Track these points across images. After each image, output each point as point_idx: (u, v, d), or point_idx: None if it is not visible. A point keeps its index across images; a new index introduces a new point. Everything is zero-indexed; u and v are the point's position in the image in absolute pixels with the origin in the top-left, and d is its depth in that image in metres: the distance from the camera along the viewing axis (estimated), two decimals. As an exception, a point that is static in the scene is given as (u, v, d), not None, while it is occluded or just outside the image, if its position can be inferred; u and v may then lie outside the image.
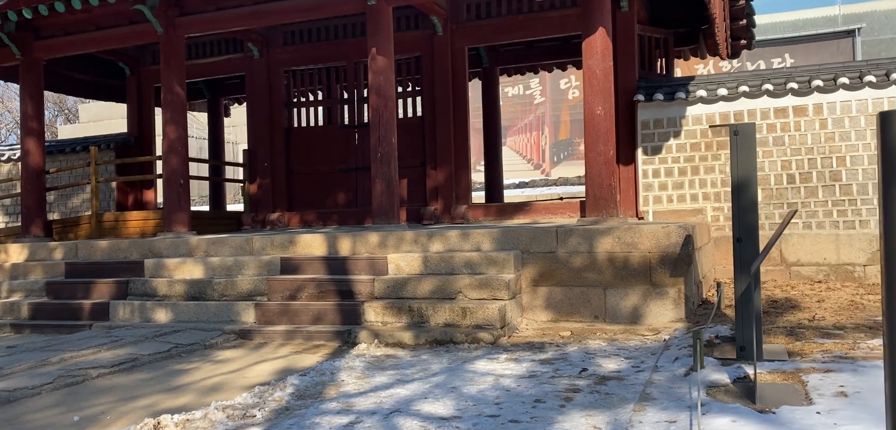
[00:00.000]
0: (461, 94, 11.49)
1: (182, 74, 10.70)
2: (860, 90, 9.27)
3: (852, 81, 9.26)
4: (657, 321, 7.24)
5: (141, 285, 8.79)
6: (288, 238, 8.78)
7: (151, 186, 13.90)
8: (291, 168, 12.69)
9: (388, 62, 9.45)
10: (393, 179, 9.42)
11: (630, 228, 7.44)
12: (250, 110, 12.91)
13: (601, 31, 8.43)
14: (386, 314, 7.40)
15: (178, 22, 10.54)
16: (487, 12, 11.32)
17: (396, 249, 8.24)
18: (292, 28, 12.53)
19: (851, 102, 9.31)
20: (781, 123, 9.56)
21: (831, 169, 9.37)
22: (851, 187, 9.28)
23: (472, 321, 7.05)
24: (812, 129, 9.44)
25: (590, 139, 8.42)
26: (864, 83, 9.22)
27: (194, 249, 9.24)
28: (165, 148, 10.54)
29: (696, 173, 9.85)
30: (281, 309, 7.85)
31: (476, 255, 7.70)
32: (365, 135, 12.26)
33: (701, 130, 9.88)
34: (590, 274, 7.49)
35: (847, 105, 9.33)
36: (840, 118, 9.35)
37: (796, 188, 9.44)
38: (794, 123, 9.49)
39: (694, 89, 9.86)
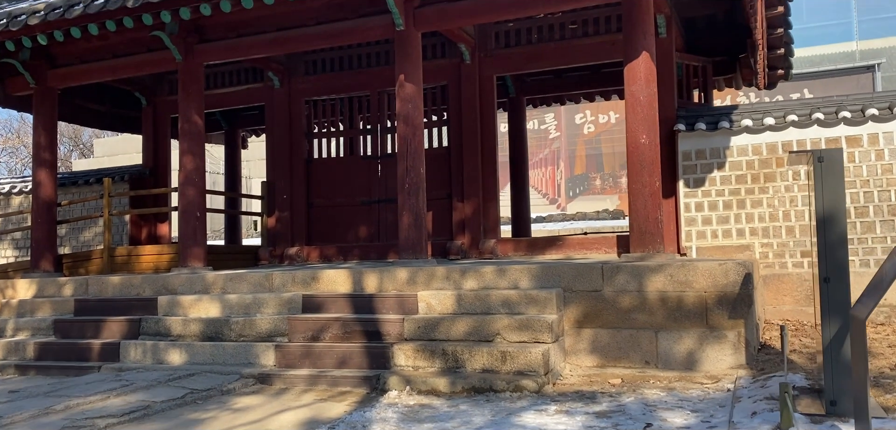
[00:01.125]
0: (489, 124, 11.00)
1: (201, 103, 10.28)
2: (919, 119, 8.69)
3: (911, 110, 8.69)
4: (715, 368, 6.62)
5: (154, 324, 8.26)
6: (310, 274, 8.24)
7: (166, 219, 13.44)
8: (311, 201, 12.21)
9: (416, 90, 8.98)
10: (421, 212, 8.90)
11: (683, 265, 6.85)
12: (270, 141, 12.47)
13: (645, 55, 7.92)
14: (417, 358, 6.82)
15: (198, 49, 10.14)
16: (516, 40, 10.86)
17: (426, 286, 7.68)
18: (314, 57, 12.14)
19: (910, 132, 8.73)
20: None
21: (889, 203, 8.76)
22: (912, 222, 8.66)
23: (513, 367, 6.45)
24: (867, 160, 8.85)
25: (634, 170, 7.87)
26: (923, 112, 8.65)
27: (210, 285, 8.72)
28: (182, 179, 10.08)
29: (743, 207, 9.26)
30: (303, 351, 7.29)
31: (514, 293, 7.13)
32: (388, 166, 11.80)
33: (747, 161, 9.31)
34: (639, 315, 6.89)
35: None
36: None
37: (852, 223, 8.83)
38: (848, 155, 8.91)
39: (739, 118, 9.32)
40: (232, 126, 15.32)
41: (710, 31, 11.49)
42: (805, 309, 8.93)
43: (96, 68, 11.01)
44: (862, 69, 27.83)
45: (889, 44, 29.03)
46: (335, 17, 9.32)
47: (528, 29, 10.79)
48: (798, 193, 9.09)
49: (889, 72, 27.98)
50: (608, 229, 21.68)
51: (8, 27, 9.33)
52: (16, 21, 9.31)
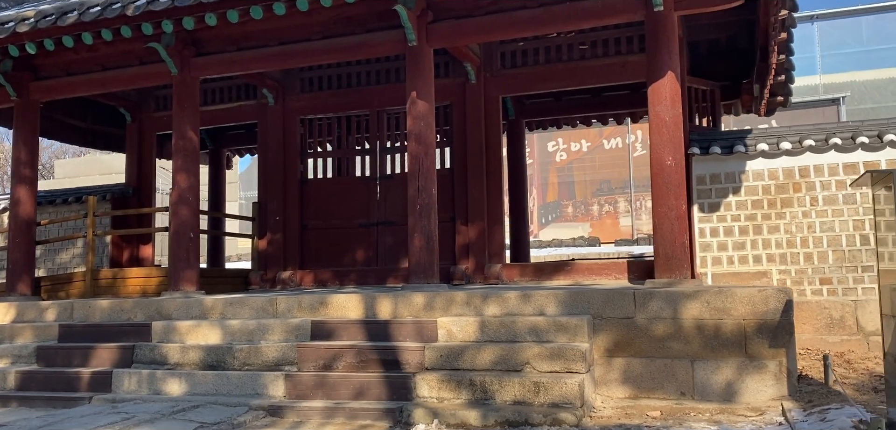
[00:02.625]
0: (494, 145, 10.69)
1: (196, 119, 9.80)
2: (938, 145, 8.59)
3: (930, 136, 8.59)
4: (755, 399, 6.32)
5: (149, 352, 7.72)
6: (317, 299, 7.79)
7: (149, 240, 12.84)
8: (305, 223, 11.74)
9: (428, 107, 8.64)
10: (432, 235, 8.51)
11: (720, 291, 6.56)
12: (262, 161, 12.00)
13: (670, 75, 7.69)
14: (442, 389, 6.40)
15: (194, 62, 9.68)
16: (523, 61, 10.60)
17: (445, 312, 7.28)
18: (310, 74, 11.74)
19: (931, 158, 8.63)
20: (852, 181, 8.81)
21: (910, 230, 8.61)
22: (933, 250, 8.51)
23: (548, 399, 6.08)
24: (887, 186, 8.70)
25: (659, 193, 7.60)
26: (943, 137, 8.55)
27: (209, 310, 8.21)
28: (174, 198, 9.57)
29: (759, 233, 9.05)
30: (316, 381, 6.82)
31: (542, 320, 6.77)
32: (388, 188, 11.42)
33: (763, 186, 9.12)
34: (675, 344, 6.57)
35: (926, 161, 8.64)
36: (917, 175, 8.63)
37: (871, 251, 8.67)
38: (867, 180, 8.75)
39: (754, 142, 9.14)
40: (217, 145, 14.79)
41: (712, 56, 11.38)
42: (826, 338, 8.72)
43: (83, 81, 10.47)
44: (827, 102, 28.36)
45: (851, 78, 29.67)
46: (343, 31, 8.96)
47: (535, 49, 10.53)
48: (816, 219, 8.92)
49: (852, 105, 28.54)
50: (593, 255, 21.52)
51: (-6, 34, 8.78)
52: (2, 28, 8.77)
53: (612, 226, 33.41)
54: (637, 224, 34.27)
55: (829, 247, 8.83)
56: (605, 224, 33.03)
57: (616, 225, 33.64)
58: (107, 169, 29.70)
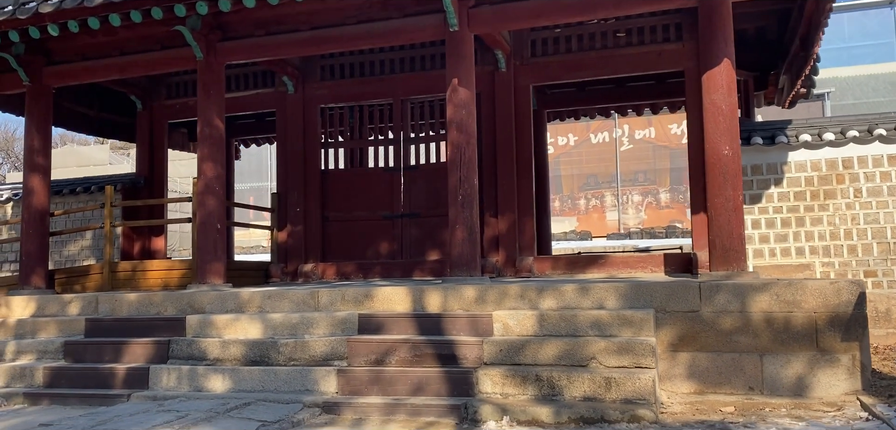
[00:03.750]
0: (524, 136, 10.47)
1: (222, 106, 9.48)
2: None
3: (976, 127, 8.51)
4: (828, 394, 6.17)
5: (186, 347, 7.40)
6: (362, 292, 7.53)
7: (161, 232, 12.46)
8: (326, 214, 11.44)
9: (470, 95, 8.39)
10: (475, 226, 8.28)
11: (791, 284, 6.40)
12: (281, 151, 11.67)
13: (726, 62, 7.51)
14: (506, 384, 6.17)
15: (220, 47, 9.35)
16: (555, 49, 10.37)
17: (498, 305, 7.05)
18: (331, 61, 11.43)
19: (975, 150, 8.54)
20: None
21: (957, 222, 8.54)
22: (981, 242, 8.45)
23: (620, 395, 5.87)
24: (932, 178, 8.63)
25: (716, 183, 7.42)
26: None
27: (246, 304, 7.91)
28: (201, 188, 9.24)
29: (802, 225, 8.93)
30: (371, 377, 6.56)
31: (605, 314, 6.56)
32: (412, 179, 11.16)
33: (806, 178, 9.00)
34: (742, 338, 6.40)
35: (971, 152, 8.56)
36: (964, 167, 8.57)
37: (916, 243, 8.58)
38: (912, 172, 8.68)
39: (796, 133, 9.01)
40: (226, 135, 14.36)
41: (741, 47, 11.18)
42: (871, 331, 8.60)
43: (100, 66, 10.08)
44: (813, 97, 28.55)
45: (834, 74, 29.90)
46: (379, 15, 8.68)
47: (567, 37, 10.31)
48: (860, 211, 8.81)
49: (837, 100, 28.72)
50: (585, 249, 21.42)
51: (15, 15, 8.38)
52: (24, 8, 8.38)
53: (598, 220, 33.37)
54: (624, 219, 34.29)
55: (873, 239, 8.73)
56: (592, 219, 32.99)
57: (603, 219, 33.60)
58: (84, 161, 29.04)
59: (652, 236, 29.87)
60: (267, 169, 32.04)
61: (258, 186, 32.78)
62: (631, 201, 35.72)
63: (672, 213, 35.19)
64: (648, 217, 34.66)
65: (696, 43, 9.73)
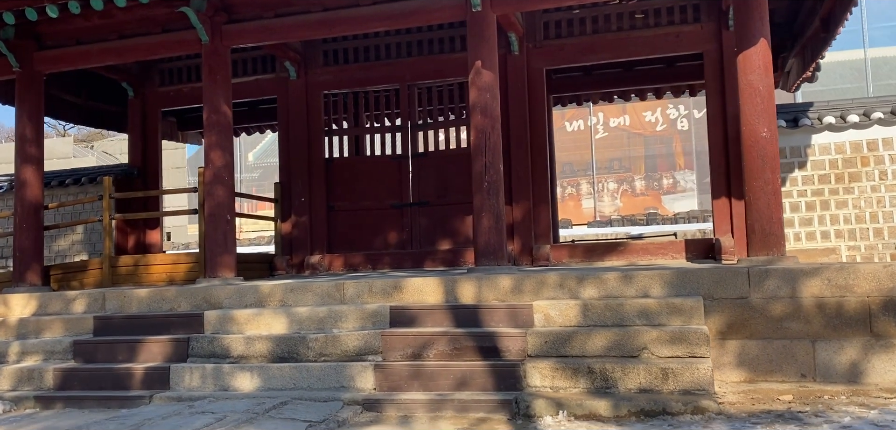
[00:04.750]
0: (539, 120, 10.23)
1: (228, 91, 9.09)
2: None
3: None
4: (884, 379, 6.04)
5: (206, 344, 7.04)
6: (391, 284, 7.23)
7: (157, 225, 11.98)
8: (332, 204, 11.09)
9: (493, 78, 8.12)
10: (501, 213, 8.03)
11: (843, 268, 6.25)
12: (283, 139, 11.28)
13: (763, 43, 7.34)
14: (556, 377, 5.94)
15: (226, 30, 8.96)
16: (569, 31, 10.14)
17: (537, 295, 6.81)
18: (335, 46, 11.06)
19: None
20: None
21: (982, 203, 8.50)
22: None
23: (678, 385, 5.67)
24: (958, 159, 8.58)
25: (754, 166, 7.24)
26: None
27: (266, 297, 7.56)
28: (209, 178, 8.85)
29: (826, 208, 8.83)
30: (410, 372, 6.27)
31: (652, 302, 6.35)
32: (421, 166, 10.86)
33: (830, 160, 8.91)
34: (793, 324, 6.24)
35: None
36: None
37: (945, 224, 8.53)
38: (937, 153, 8.62)
39: (819, 115, 8.89)
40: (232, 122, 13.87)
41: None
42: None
43: (96, 51, 9.61)
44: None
45: None
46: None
47: (582, 19, 10.09)
48: (885, 194, 8.73)
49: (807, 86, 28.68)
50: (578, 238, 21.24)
51: (11, -5, 7.89)
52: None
53: (574, 208, 33.38)
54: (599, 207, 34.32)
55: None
56: (568, 206, 32.99)
57: (579, 207, 33.62)
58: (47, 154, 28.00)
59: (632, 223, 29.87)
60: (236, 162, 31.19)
61: (235, 179, 31.83)
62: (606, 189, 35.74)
63: (647, 200, 35.34)
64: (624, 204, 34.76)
65: (715, 24, 9.60)
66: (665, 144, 35.01)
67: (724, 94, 9.44)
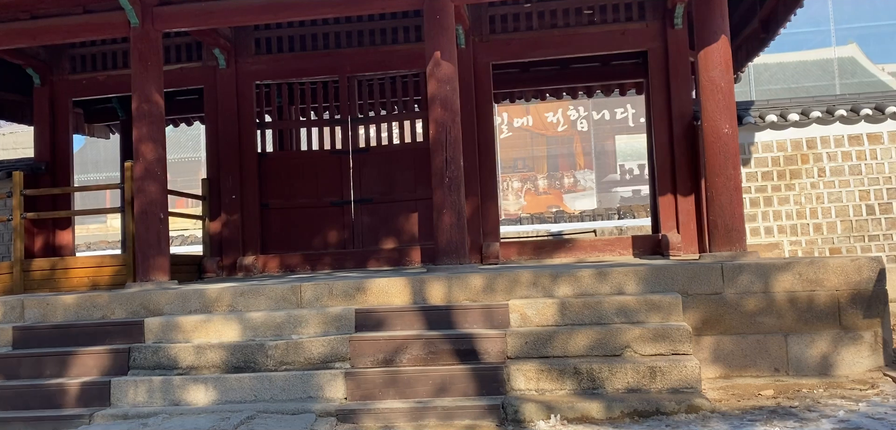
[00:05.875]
0: (486, 116, 10.03)
1: (160, 79, 8.39)
2: (934, 118, 8.96)
3: (926, 108, 8.93)
4: (853, 371, 6.17)
5: (150, 354, 6.39)
6: (353, 285, 6.81)
7: (68, 225, 10.97)
8: (265, 201, 10.49)
9: (453, 69, 7.84)
10: (463, 210, 7.77)
11: (813, 262, 6.34)
12: (211, 132, 10.57)
13: (723, 39, 7.38)
14: (542, 379, 5.72)
15: (158, 12, 8.27)
16: (515, 25, 9.99)
17: (510, 294, 6.57)
18: (268, 34, 10.47)
19: (926, 130, 8.98)
20: (857, 151, 9.04)
21: (911, 199, 8.94)
22: (933, 218, 8.89)
23: (666, 384, 5.57)
24: (889, 157, 8.99)
25: (716, 162, 7.28)
26: (937, 111, 8.92)
27: (214, 302, 6.97)
28: (140, 172, 8.13)
29: (770, 204, 9.07)
30: (385, 379, 5.89)
31: (630, 299, 6.24)
32: (363, 162, 10.44)
33: (772, 158, 9.14)
34: (766, 319, 6.28)
35: (922, 133, 8.98)
36: (916, 146, 8.98)
37: (877, 220, 8.92)
38: (870, 152, 9.01)
39: (762, 113, 9.12)
40: (130, 115, 12.88)
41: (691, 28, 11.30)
42: (838, 306, 8.85)
43: (2, 32, 8.63)
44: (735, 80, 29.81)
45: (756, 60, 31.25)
46: (350, -19, 7.92)
47: (528, 14, 9.96)
48: (824, 190, 9.05)
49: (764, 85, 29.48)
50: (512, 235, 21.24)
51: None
52: (-76, -44, 6.93)
53: (481, 206, 33.38)
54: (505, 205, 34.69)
55: (837, 217, 8.99)
56: (473, 206, 32.97)
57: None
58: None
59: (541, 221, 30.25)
60: None
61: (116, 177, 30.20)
62: (511, 188, 36.17)
63: (549, 198, 36.03)
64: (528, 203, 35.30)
65: (660, 22, 9.69)
66: (566, 145, 35.83)
67: (670, 92, 9.54)
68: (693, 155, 9.33)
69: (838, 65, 30.53)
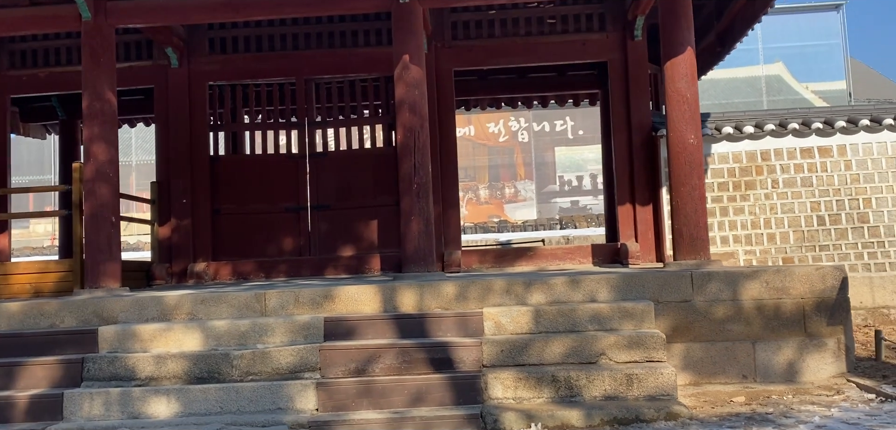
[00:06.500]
0: (447, 123, 9.94)
1: (113, 76, 8.04)
2: (880, 132, 9.31)
3: (872, 124, 9.28)
4: (817, 377, 6.31)
5: (106, 365, 6.06)
6: (321, 293, 6.62)
7: (5, 229, 10.38)
8: (218, 206, 10.15)
9: (422, 73, 7.76)
10: (431, 216, 7.69)
11: (779, 271, 6.47)
12: (162, 132, 10.18)
13: (689, 51, 7.51)
14: (519, 388, 5.65)
15: (112, 7, 7.94)
16: (477, 33, 9.96)
17: (483, 301, 6.49)
18: (223, 33, 10.16)
19: (872, 144, 9.32)
20: (808, 164, 9.32)
21: (859, 211, 9.27)
22: (879, 229, 9.23)
23: (644, 391, 5.58)
24: (838, 170, 9.30)
25: (682, 172, 7.38)
26: (883, 126, 9.28)
27: (173, 310, 6.66)
28: (91, 173, 7.75)
29: (726, 214, 9.26)
30: (359, 389, 5.73)
31: (604, 307, 6.25)
32: (320, 167, 10.23)
33: (728, 169, 9.35)
34: (735, 326, 6.38)
35: (868, 147, 9.32)
36: (863, 160, 9.32)
37: (827, 230, 9.21)
38: (821, 164, 9.31)
39: (719, 125, 9.32)
40: (70, 115, 12.39)
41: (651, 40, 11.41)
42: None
43: (-61, 22, 8.12)
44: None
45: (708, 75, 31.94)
46: (316, -19, 7.74)
47: (491, 21, 9.94)
48: (778, 201, 9.29)
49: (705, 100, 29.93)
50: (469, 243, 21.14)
51: None
52: None
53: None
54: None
55: (789, 227, 9.25)
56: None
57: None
58: None
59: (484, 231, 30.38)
60: (49, 160, 28.31)
61: (39, 180, 28.91)
62: (437, 199, 36.14)
63: (491, 208, 36.21)
64: (469, 213, 35.38)
65: (620, 33, 9.80)
66: (507, 155, 36.13)
67: (629, 103, 9.66)
68: (651, 165, 9.47)
69: (766, 82, 31.71)
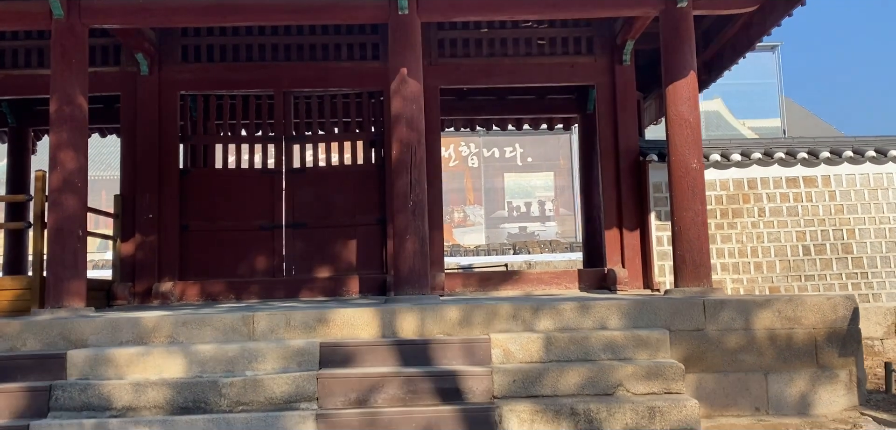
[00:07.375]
0: (434, 142, 9.59)
1: (85, 80, 7.49)
2: (862, 164, 9.38)
3: (855, 155, 9.34)
4: (830, 410, 6.15)
5: (77, 393, 5.49)
6: (314, 316, 6.18)
7: (-51, 242, 9.58)
8: (186, 223, 9.58)
9: (419, 87, 7.44)
10: (426, 236, 7.33)
11: (791, 300, 6.32)
12: (128, 143, 9.56)
13: (692, 74, 7.39)
14: (536, 421, 5.32)
15: (86, 6, 7.40)
16: (465, 51, 9.71)
17: (489, 327, 6.16)
18: (197, 41, 9.66)
19: (855, 176, 9.38)
20: (794, 193, 9.31)
21: (843, 241, 9.28)
22: (862, 260, 9.26)
23: (666, 424, 5.31)
24: (823, 200, 9.32)
25: (684, 197, 7.22)
26: (865, 158, 9.35)
27: (151, 333, 6.12)
28: (57, 184, 7.15)
29: (714, 242, 9.15)
30: (363, 421, 5.31)
31: (618, 335, 5.98)
32: (297, 184, 9.78)
33: (715, 196, 9.26)
34: (747, 356, 6.18)
35: (852, 178, 9.37)
36: (846, 190, 9.36)
37: (812, 260, 9.19)
38: (806, 194, 9.31)
39: (708, 153, 9.24)
40: (21, 122, 11.63)
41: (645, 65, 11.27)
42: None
43: None
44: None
45: None
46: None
47: (479, 40, 9.71)
48: (764, 230, 9.24)
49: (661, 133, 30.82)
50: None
51: None
52: None
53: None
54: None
55: (776, 256, 9.20)
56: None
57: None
58: None
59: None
60: None
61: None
62: (393, 225, 35.92)
63: (440, 233, 36.04)
64: (418, 236, 35.02)
65: (608, 58, 9.67)
66: (457, 180, 36.03)
67: (617, 127, 9.51)
68: (639, 190, 9.32)
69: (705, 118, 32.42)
